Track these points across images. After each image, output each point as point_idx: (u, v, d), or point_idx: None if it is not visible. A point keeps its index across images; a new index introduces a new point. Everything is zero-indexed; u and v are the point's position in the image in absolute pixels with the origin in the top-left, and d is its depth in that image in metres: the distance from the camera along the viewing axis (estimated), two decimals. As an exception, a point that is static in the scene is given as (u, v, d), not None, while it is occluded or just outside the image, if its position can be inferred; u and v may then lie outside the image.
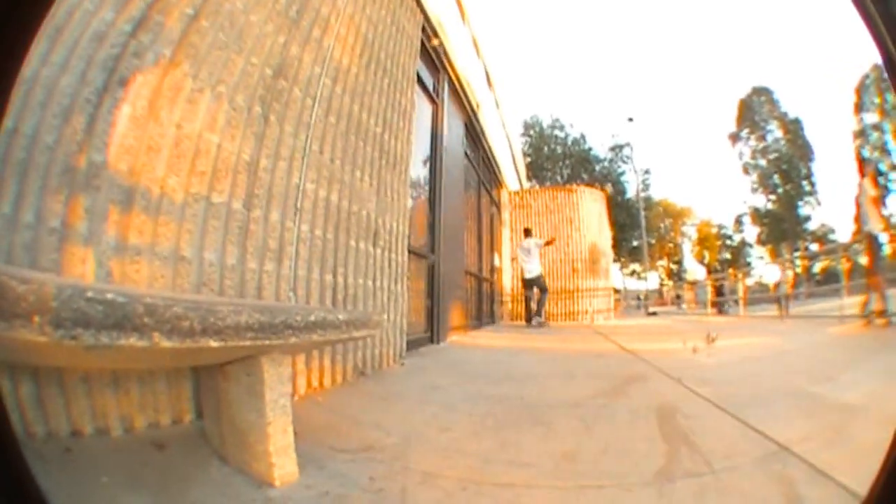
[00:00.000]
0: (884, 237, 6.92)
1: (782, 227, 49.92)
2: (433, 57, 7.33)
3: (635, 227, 41.19)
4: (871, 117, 45.15)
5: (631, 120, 36.66)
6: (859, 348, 5.37)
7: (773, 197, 51.52)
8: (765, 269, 50.34)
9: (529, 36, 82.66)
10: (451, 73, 8.16)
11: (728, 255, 54.19)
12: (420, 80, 6.52)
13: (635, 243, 48.27)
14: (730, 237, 56.16)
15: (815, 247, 48.49)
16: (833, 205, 67.01)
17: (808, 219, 50.28)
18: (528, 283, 10.99)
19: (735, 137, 54.57)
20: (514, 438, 2.25)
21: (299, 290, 2.97)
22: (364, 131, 4.01)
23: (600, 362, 4.86)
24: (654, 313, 22.25)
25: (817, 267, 46.35)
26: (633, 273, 53.36)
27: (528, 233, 11.50)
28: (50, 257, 1.76)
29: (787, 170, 50.17)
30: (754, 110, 52.83)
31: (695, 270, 56.70)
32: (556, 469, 1.91)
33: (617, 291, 49.38)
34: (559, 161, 53.45)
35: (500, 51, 20.21)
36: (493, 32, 18.05)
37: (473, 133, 10.11)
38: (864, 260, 7.31)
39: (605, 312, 15.19)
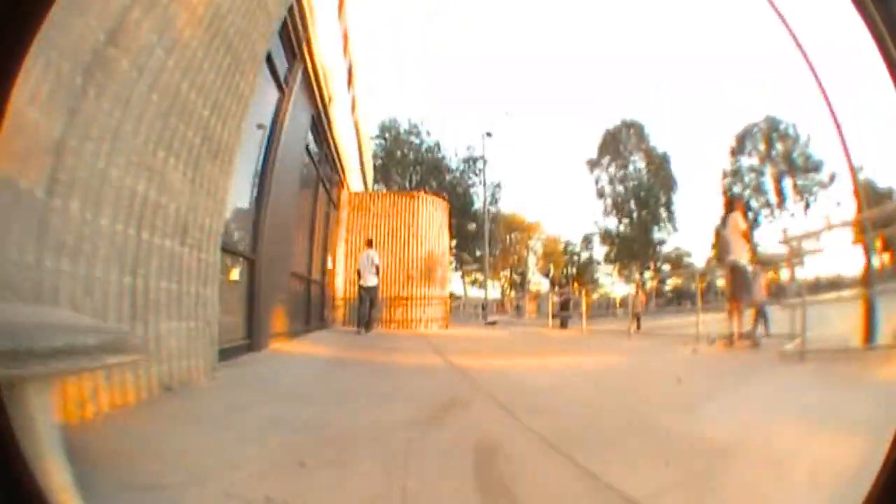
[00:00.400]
0: (748, 267, 7.79)
1: (633, 249, 55.78)
2: (292, 41, 7.10)
3: (481, 237, 43.28)
4: (750, 161, 52.41)
5: (489, 135, 38.00)
6: (718, 371, 5.51)
7: (626, 220, 57.33)
8: (615, 286, 56.57)
9: (401, 37, 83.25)
10: (309, 62, 7.98)
11: (574, 271, 59.09)
12: (270, 64, 6.34)
13: (479, 253, 50.71)
14: (577, 253, 61.20)
15: (667, 268, 55.13)
16: (691, 232, 76.46)
17: (661, 242, 56.81)
18: (363, 292, 11.41)
19: (594, 164, 59.69)
20: (304, 484, 2.00)
21: (95, 294, 2.70)
22: (189, 113, 3.69)
23: (422, 381, 4.77)
24: (493, 322, 23.18)
25: (668, 285, 53.38)
26: (474, 281, 56.04)
27: (369, 244, 12.02)
28: None
29: (646, 197, 56.05)
30: (620, 141, 58.31)
31: (539, 282, 61.21)
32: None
33: (458, 298, 51.76)
34: (410, 167, 54.40)
35: (371, 49, 20.23)
36: (366, 30, 18.09)
37: (321, 127, 10.03)
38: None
39: (440, 321, 15.72)
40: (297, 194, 8.63)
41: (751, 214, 51.50)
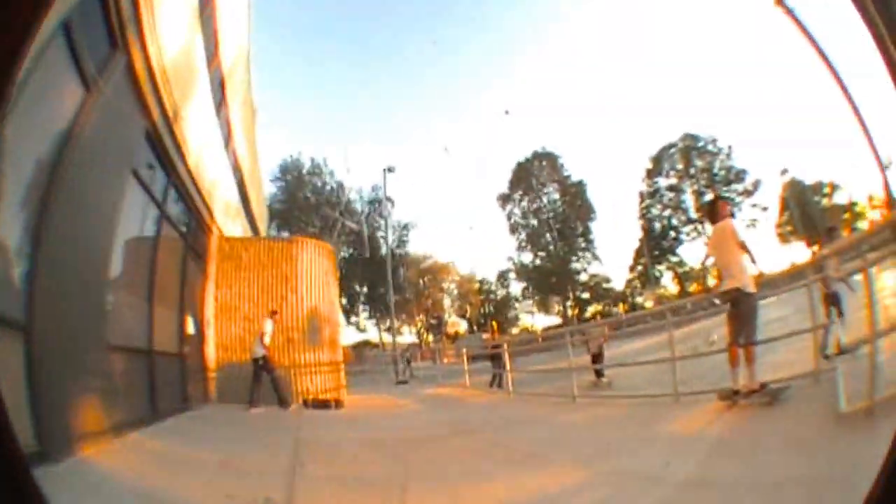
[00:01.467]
0: (755, 295, 5.94)
1: (550, 282, 56.01)
2: (110, 20, 5.43)
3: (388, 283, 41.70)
4: (667, 181, 54.63)
5: (391, 170, 34.67)
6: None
7: (542, 254, 57.63)
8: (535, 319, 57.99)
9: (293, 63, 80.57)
10: (142, 57, 6.21)
11: (491, 309, 58.71)
12: (71, 47, 4.68)
13: (394, 299, 49.22)
14: (493, 292, 60.93)
15: (586, 295, 57.17)
16: (610, 257, 76.30)
17: (579, 272, 57.67)
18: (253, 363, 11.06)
19: (506, 199, 60.00)
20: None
21: None
22: None
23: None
24: (404, 382, 21.12)
25: (588, 312, 53.78)
26: (389, 328, 54.37)
27: (273, 314, 11.81)
28: None
29: (562, 229, 56.81)
30: (533, 174, 58.89)
31: (457, 323, 60.45)
32: None
33: (374, 346, 49.80)
34: (313, 210, 52.56)
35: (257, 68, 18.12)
36: (241, 33, 16.23)
37: (162, 149, 7.91)
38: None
39: (335, 391, 13.60)
40: (121, 238, 6.50)
41: (672, 233, 53.64)
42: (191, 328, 10.67)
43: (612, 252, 78.12)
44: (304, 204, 52.48)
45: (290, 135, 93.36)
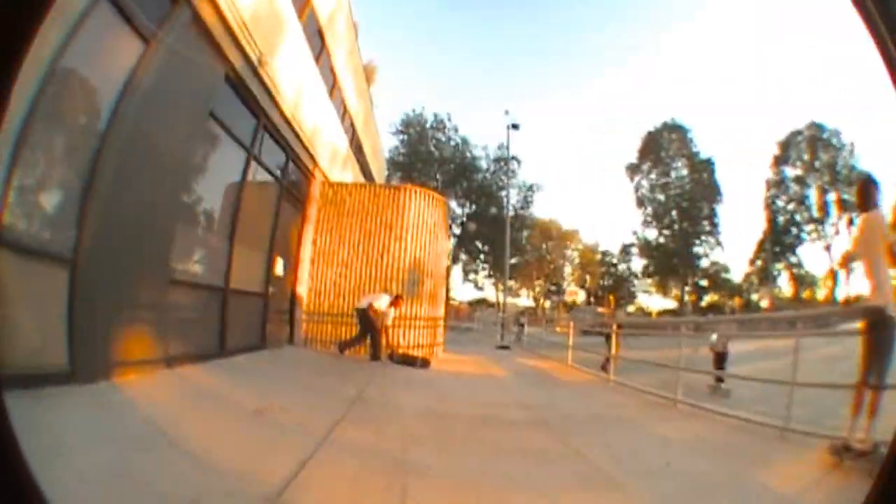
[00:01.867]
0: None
1: (672, 262, 54.04)
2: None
3: (513, 244, 41.44)
4: (793, 171, 52.41)
5: (516, 127, 32.94)
6: None
7: (667, 232, 55.54)
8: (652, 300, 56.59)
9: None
10: (210, 6, 6.29)
11: (610, 283, 57.50)
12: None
13: (514, 261, 49.18)
14: (614, 265, 59.50)
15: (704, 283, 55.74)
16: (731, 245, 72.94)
17: (701, 257, 55.74)
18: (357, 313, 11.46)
19: (634, 169, 57.87)
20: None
21: None
22: None
23: None
24: (506, 347, 20.83)
25: (704, 301, 51.74)
26: (507, 290, 54.98)
27: (397, 298, 11.98)
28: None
29: (688, 208, 54.39)
30: (662, 145, 56.34)
31: (575, 291, 59.78)
32: None
33: (490, 305, 50.25)
34: (436, 165, 52.83)
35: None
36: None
37: (248, 95, 8.04)
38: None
39: (428, 348, 13.32)
40: (198, 179, 6.73)
41: (794, 230, 49.66)
42: (279, 270, 10.79)
43: (732, 240, 73.50)
44: (426, 158, 52.78)
45: (413, 90, 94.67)
